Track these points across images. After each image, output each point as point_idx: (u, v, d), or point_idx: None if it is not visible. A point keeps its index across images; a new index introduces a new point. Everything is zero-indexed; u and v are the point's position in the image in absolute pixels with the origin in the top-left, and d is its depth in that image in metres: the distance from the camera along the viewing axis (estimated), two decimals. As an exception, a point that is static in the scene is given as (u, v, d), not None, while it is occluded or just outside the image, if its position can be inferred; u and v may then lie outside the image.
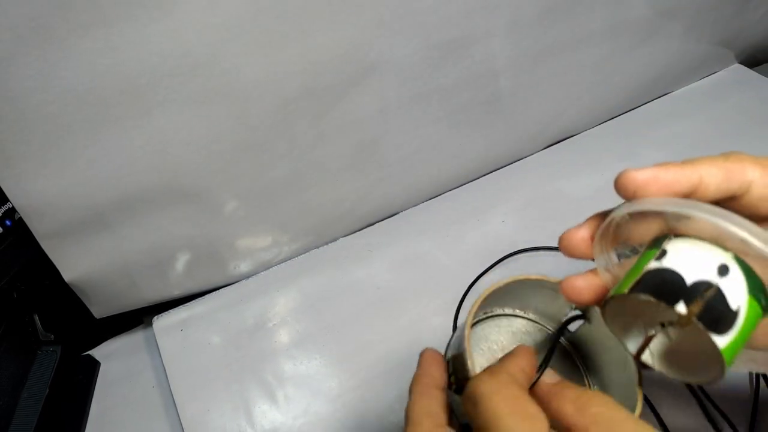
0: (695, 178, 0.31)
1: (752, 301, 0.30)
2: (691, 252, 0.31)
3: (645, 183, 0.31)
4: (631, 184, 0.31)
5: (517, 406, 0.31)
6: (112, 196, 0.55)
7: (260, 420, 0.59)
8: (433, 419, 0.36)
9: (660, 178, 0.31)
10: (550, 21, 0.66)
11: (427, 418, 0.36)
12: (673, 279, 0.30)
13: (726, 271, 0.30)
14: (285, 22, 0.51)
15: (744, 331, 0.29)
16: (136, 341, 0.69)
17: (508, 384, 0.32)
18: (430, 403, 0.37)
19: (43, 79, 0.45)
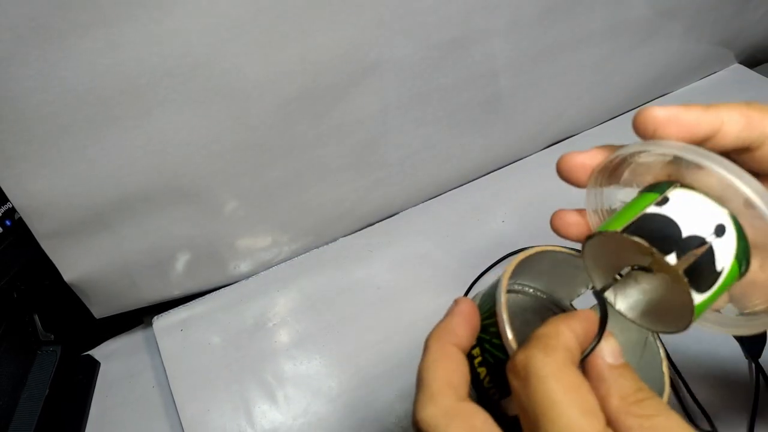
0: (717, 123, 0.30)
1: (735, 264, 0.30)
2: (694, 205, 0.30)
3: (665, 122, 0.30)
4: (651, 122, 0.30)
5: (577, 397, 0.27)
6: (112, 196, 0.55)
7: (260, 420, 0.59)
8: (456, 391, 0.31)
9: (681, 118, 0.30)
10: (550, 21, 0.66)
11: (448, 389, 0.31)
12: (671, 228, 0.29)
13: (722, 232, 0.30)
14: (285, 22, 0.51)
15: (718, 292, 0.30)
16: (136, 341, 0.69)
17: (566, 366, 0.28)
18: (452, 369, 0.32)
19: (43, 79, 0.45)
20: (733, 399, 0.55)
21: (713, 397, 0.56)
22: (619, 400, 0.28)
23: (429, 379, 0.31)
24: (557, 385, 0.27)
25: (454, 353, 0.32)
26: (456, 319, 0.34)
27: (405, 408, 0.58)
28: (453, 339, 0.33)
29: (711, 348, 0.59)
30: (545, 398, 0.27)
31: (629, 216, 0.30)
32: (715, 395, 0.56)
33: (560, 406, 0.26)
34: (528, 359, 0.28)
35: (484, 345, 0.35)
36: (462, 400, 0.30)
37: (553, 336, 0.29)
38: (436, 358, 0.32)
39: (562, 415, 0.26)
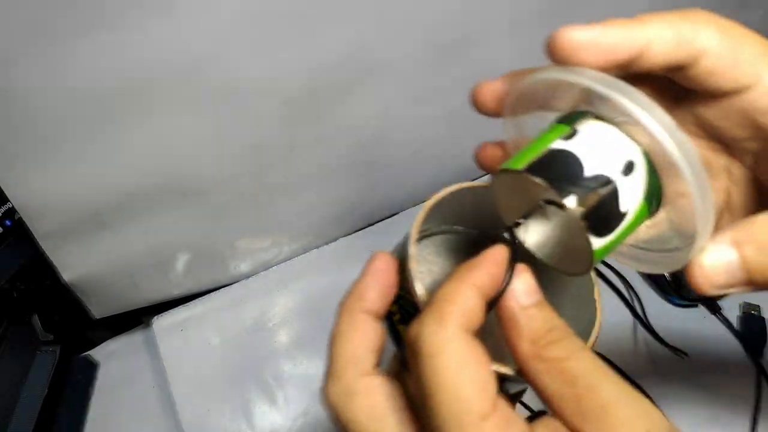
0: (641, 42, 0.26)
1: (644, 204, 0.28)
2: (603, 139, 0.27)
3: (580, 47, 0.26)
4: (565, 47, 0.26)
5: (466, 376, 0.25)
6: (112, 196, 0.55)
7: (260, 421, 0.59)
8: (358, 366, 0.29)
9: (600, 42, 0.26)
10: (549, 21, 0.66)
11: (350, 365, 0.29)
12: (573, 166, 0.27)
13: (630, 170, 0.27)
14: (285, 22, 0.51)
15: (624, 233, 0.28)
16: (136, 341, 0.69)
17: (458, 339, 0.25)
18: (357, 341, 0.30)
19: (44, 79, 0.45)
20: (734, 399, 0.56)
21: (715, 396, 0.56)
22: (530, 344, 0.26)
23: (334, 355, 0.30)
24: (444, 362, 0.25)
25: (362, 321, 0.31)
26: (366, 281, 0.32)
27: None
28: (361, 305, 0.31)
29: (712, 347, 0.59)
30: (432, 379, 0.25)
31: (535, 151, 0.28)
32: (717, 394, 0.56)
33: (446, 388, 0.25)
34: (419, 332, 0.26)
35: (400, 302, 0.33)
36: (365, 375, 0.29)
37: (450, 300, 0.27)
38: (341, 330, 0.31)
39: (449, 398, 0.25)
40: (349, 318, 0.31)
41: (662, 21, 0.27)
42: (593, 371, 0.25)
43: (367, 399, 0.29)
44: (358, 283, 0.32)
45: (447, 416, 0.24)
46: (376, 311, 0.31)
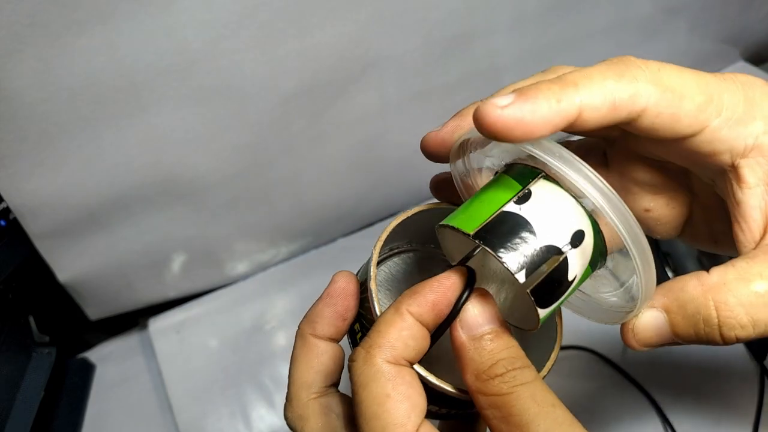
0: (573, 112, 0.26)
1: (588, 268, 0.28)
2: (554, 206, 0.27)
3: (508, 127, 0.25)
4: (493, 127, 0.25)
5: (383, 411, 0.26)
6: (107, 196, 0.54)
7: (257, 424, 0.59)
8: (310, 389, 0.31)
9: (526, 121, 0.25)
10: (553, 18, 0.66)
11: (302, 390, 0.32)
12: (526, 235, 0.27)
13: (580, 240, 0.27)
14: (283, 18, 0.50)
15: (569, 295, 0.28)
16: (132, 343, 0.68)
17: (380, 375, 0.27)
18: (308, 366, 0.32)
19: (39, 76, 0.45)
20: (737, 400, 0.55)
21: (717, 397, 0.55)
22: (474, 377, 0.27)
23: (290, 381, 0.32)
24: (367, 396, 0.27)
25: (313, 346, 0.32)
26: (319, 306, 0.33)
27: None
28: (313, 330, 0.33)
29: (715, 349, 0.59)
30: (358, 408, 0.27)
31: (487, 210, 0.28)
32: (720, 396, 0.55)
33: (366, 420, 0.27)
34: (351, 365, 0.28)
35: (362, 320, 0.34)
36: (318, 397, 0.31)
37: (382, 333, 0.28)
38: (295, 355, 0.33)
39: (369, 429, 0.26)
40: (302, 342, 0.33)
41: (595, 84, 0.26)
42: (529, 409, 0.25)
43: (318, 421, 0.31)
44: (312, 307, 0.34)
45: None
46: (329, 336, 0.33)
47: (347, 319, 0.33)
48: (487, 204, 0.28)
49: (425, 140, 0.33)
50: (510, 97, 0.25)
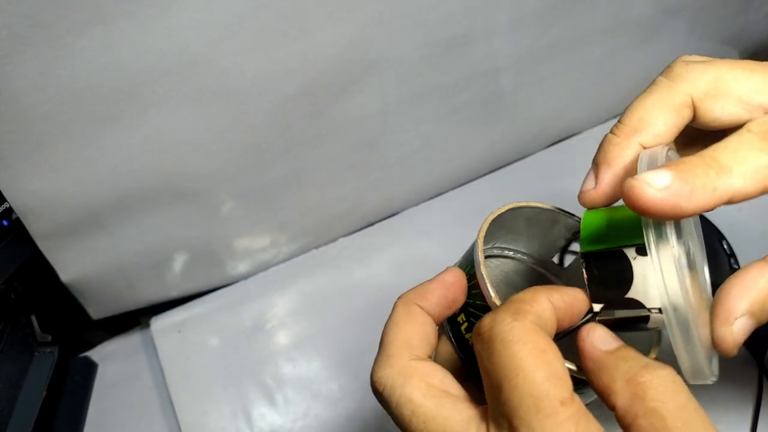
0: (724, 200, 0.27)
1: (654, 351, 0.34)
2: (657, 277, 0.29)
3: (661, 209, 0.26)
4: (645, 206, 0.26)
5: (544, 362, 0.25)
6: (109, 196, 0.54)
7: (259, 423, 0.59)
8: (413, 352, 0.30)
9: (682, 207, 0.26)
10: (552, 18, 0.66)
11: (405, 350, 0.30)
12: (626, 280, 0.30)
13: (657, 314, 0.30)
14: (284, 19, 0.50)
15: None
16: (134, 342, 0.68)
17: (534, 331, 0.26)
18: (413, 331, 0.31)
19: (39, 77, 0.45)
20: (735, 399, 0.55)
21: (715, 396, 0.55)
22: (624, 382, 0.26)
23: (388, 341, 0.31)
24: (522, 349, 0.25)
25: (418, 314, 0.32)
26: (432, 285, 0.33)
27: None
28: (421, 302, 0.32)
29: (715, 349, 0.59)
30: (509, 363, 0.25)
31: (611, 241, 0.30)
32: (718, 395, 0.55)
33: (524, 372, 0.25)
34: (494, 322, 0.27)
35: (468, 309, 0.34)
36: (419, 360, 0.30)
37: (528, 302, 0.28)
38: (398, 320, 0.32)
39: (526, 381, 0.25)
40: (407, 309, 0.32)
41: (749, 171, 0.27)
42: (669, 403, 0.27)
43: (423, 380, 0.29)
44: (423, 285, 0.34)
45: (523, 400, 0.25)
46: (433, 314, 0.32)
47: (452, 308, 0.33)
48: (614, 237, 0.30)
49: (586, 200, 0.33)
50: (667, 178, 0.26)
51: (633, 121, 0.32)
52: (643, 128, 0.32)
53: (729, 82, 0.31)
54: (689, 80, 0.32)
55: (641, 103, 0.33)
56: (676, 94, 0.32)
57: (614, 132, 0.33)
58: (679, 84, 0.32)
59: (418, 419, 0.28)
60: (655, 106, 0.32)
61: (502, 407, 0.25)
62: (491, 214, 0.37)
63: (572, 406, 0.25)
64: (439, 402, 0.28)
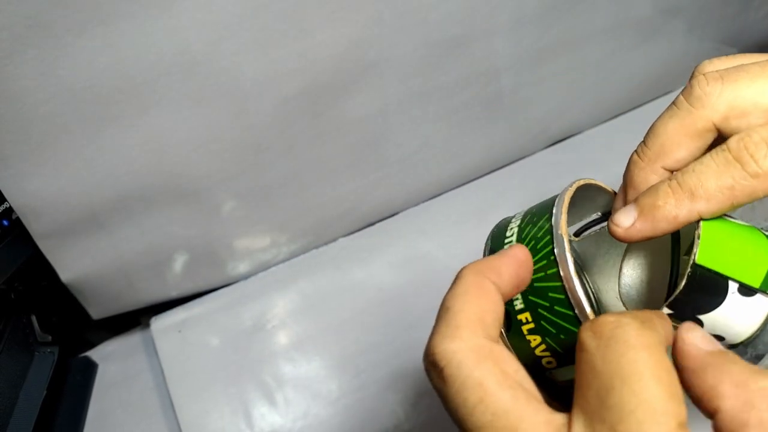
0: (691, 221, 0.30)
1: None
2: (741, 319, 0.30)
3: (634, 240, 0.31)
4: (623, 240, 0.31)
5: (670, 380, 0.23)
6: (109, 196, 0.54)
7: (259, 423, 0.59)
8: (488, 330, 0.27)
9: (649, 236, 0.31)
10: (552, 19, 0.66)
11: (479, 325, 0.26)
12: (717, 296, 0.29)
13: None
14: (284, 19, 0.50)
15: None
16: (134, 342, 0.68)
17: (663, 350, 0.24)
18: (486, 307, 0.27)
19: (40, 77, 0.45)
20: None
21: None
22: (733, 387, 0.24)
23: (456, 310, 0.27)
24: (648, 357, 0.23)
25: (491, 290, 0.28)
26: (505, 260, 0.30)
27: (406, 411, 0.58)
28: (494, 277, 0.29)
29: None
30: (630, 366, 0.23)
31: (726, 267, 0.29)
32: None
33: (646, 380, 0.22)
34: (620, 324, 0.24)
35: (538, 310, 0.31)
36: (494, 341, 0.26)
37: (650, 320, 0.25)
38: (468, 290, 0.28)
39: (646, 389, 0.22)
40: (479, 281, 0.28)
41: (713, 190, 0.30)
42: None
43: (498, 365, 0.25)
44: (494, 259, 0.30)
45: (639, 408, 0.22)
46: (504, 292, 0.29)
47: (520, 289, 0.30)
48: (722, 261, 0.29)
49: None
50: (631, 218, 0.31)
51: (656, 146, 0.33)
52: (665, 154, 0.32)
53: (748, 99, 0.31)
54: (708, 106, 0.31)
55: (663, 128, 0.33)
56: (697, 120, 0.32)
57: (639, 155, 0.33)
58: (699, 110, 0.32)
59: (486, 409, 0.24)
60: (677, 132, 0.32)
61: (607, 412, 0.23)
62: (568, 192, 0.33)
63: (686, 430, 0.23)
64: (514, 395, 0.25)
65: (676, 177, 0.30)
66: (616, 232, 0.31)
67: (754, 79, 0.31)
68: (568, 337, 0.30)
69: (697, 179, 0.29)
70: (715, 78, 0.32)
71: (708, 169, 0.29)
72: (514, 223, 0.35)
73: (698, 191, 0.29)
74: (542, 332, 0.31)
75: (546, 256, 0.30)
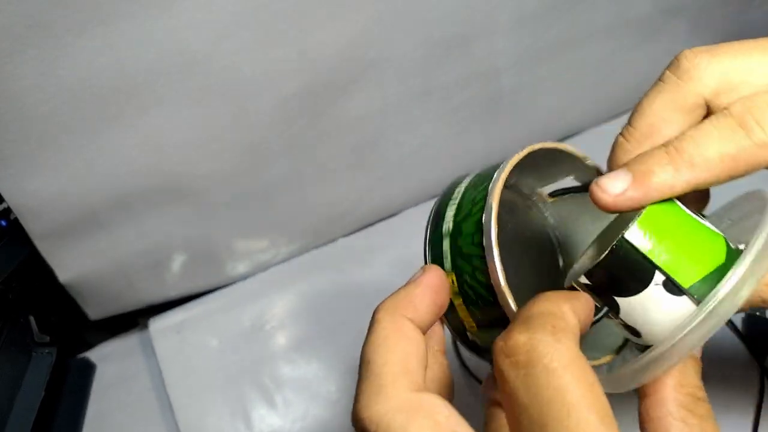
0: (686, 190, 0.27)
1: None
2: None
3: (621, 209, 0.28)
4: (607, 209, 0.28)
5: (596, 398, 0.22)
6: (108, 196, 0.54)
7: (258, 424, 0.59)
8: (412, 380, 0.25)
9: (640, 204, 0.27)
10: (552, 18, 0.66)
11: (403, 378, 0.25)
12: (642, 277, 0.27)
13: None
14: (283, 18, 0.50)
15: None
16: (132, 343, 0.68)
17: (579, 357, 0.23)
18: (408, 351, 0.26)
19: (39, 77, 0.45)
20: (737, 400, 0.55)
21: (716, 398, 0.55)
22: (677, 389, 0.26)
23: (378, 365, 0.26)
24: (572, 381, 0.22)
25: (409, 330, 0.27)
26: (419, 291, 0.29)
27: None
28: (410, 313, 0.27)
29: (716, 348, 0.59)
30: (557, 398, 0.22)
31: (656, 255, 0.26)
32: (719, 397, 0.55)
33: (577, 410, 0.21)
34: (533, 343, 0.23)
35: (463, 275, 0.30)
36: (420, 390, 0.25)
37: (560, 317, 0.24)
38: (386, 336, 0.27)
39: (580, 421, 0.21)
40: (395, 324, 0.27)
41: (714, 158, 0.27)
42: None
43: (429, 417, 0.24)
44: (406, 291, 0.29)
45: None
46: (423, 326, 0.28)
47: (439, 315, 0.29)
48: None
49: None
50: (623, 184, 0.27)
51: (644, 126, 0.30)
52: (654, 133, 0.30)
53: (739, 73, 0.29)
54: (697, 79, 0.29)
55: (650, 106, 0.31)
56: (686, 95, 0.29)
57: (625, 137, 0.31)
58: (687, 83, 0.29)
59: None
60: (666, 109, 0.30)
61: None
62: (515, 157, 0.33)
63: None
64: None
65: (672, 143, 0.28)
66: (601, 199, 0.27)
67: (745, 53, 0.29)
68: (487, 306, 0.29)
69: (696, 146, 0.27)
70: (703, 51, 0.30)
71: (708, 135, 0.27)
72: (463, 184, 0.35)
73: (696, 159, 0.27)
74: (464, 296, 0.30)
75: (477, 223, 0.30)
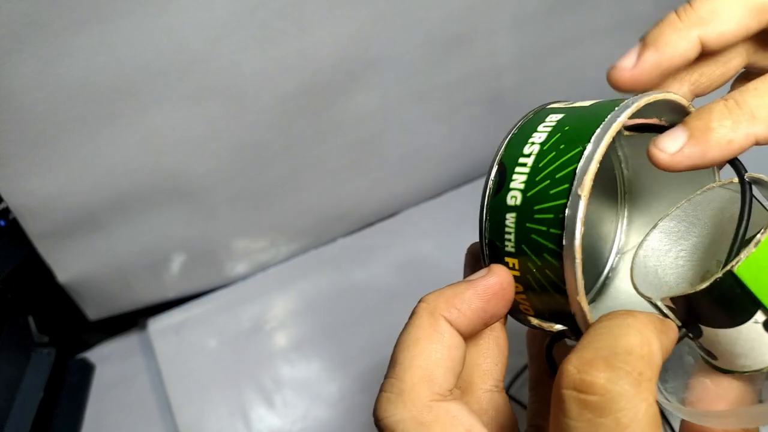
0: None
1: None
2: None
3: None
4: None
5: None
6: (106, 196, 0.54)
7: (258, 425, 0.58)
8: (434, 387, 0.24)
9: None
10: (554, 18, 0.65)
11: (424, 385, 0.24)
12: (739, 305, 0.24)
13: None
14: (283, 17, 0.50)
15: None
16: (131, 344, 0.68)
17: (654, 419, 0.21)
18: (437, 356, 0.25)
19: (37, 76, 0.45)
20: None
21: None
22: None
23: (403, 368, 0.24)
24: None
25: (447, 334, 0.25)
26: (469, 294, 0.26)
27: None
28: (451, 314, 0.25)
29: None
30: None
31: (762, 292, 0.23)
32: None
33: None
34: (613, 392, 0.20)
35: (528, 264, 0.26)
36: (442, 399, 0.24)
37: (647, 360, 0.22)
38: (419, 338, 0.25)
39: None
40: (432, 324, 0.25)
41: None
42: None
43: (446, 431, 0.23)
44: (455, 289, 0.26)
45: None
46: (464, 332, 0.26)
47: (488, 323, 0.27)
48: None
49: (618, 79, 0.30)
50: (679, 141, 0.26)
51: (704, 11, 0.28)
52: (711, 21, 0.28)
53: None
54: None
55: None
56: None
57: (679, 15, 0.28)
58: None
59: None
60: (733, 0, 0.28)
61: None
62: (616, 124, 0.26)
63: None
64: None
65: (733, 95, 0.26)
66: (658, 157, 0.25)
67: None
68: (552, 302, 0.26)
69: (760, 98, 0.25)
70: None
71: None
72: (543, 131, 0.28)
73: (759, 112, 0.25)
74: (526, 285, 0.27)
75: (555, 209, 0.25)
